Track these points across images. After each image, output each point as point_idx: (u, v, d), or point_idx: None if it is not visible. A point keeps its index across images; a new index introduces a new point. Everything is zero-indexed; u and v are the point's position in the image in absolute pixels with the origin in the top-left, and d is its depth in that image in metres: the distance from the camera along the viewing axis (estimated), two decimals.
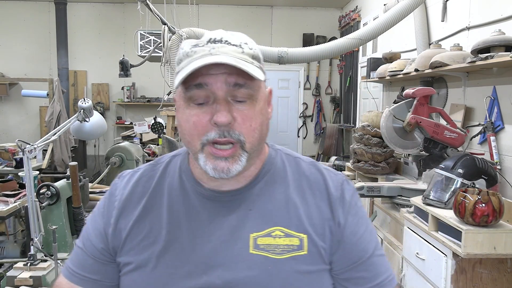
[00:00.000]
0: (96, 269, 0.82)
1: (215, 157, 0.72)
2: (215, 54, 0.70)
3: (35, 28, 6.92)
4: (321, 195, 0.81)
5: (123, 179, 0.86)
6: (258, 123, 0.74)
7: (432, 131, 2.62)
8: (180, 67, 0.72)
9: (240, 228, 0.77)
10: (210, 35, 0.73)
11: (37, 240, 1.98)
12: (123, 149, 3.21)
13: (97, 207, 0.87)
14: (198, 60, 0.69)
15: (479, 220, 1.83)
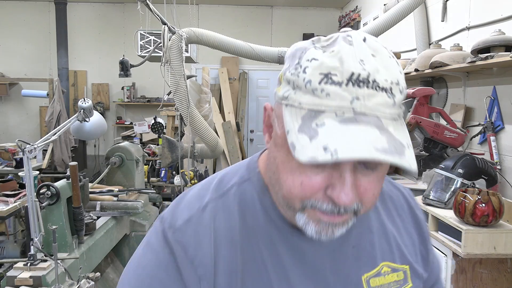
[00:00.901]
0: None
1: (320, 222, 0.57)
2: (359, 121, 0.50)
3: (35, 28, 6.91)
4: (407, 217, 0.75)
5: (187, 228, 0.63)
6: (380, 186, 0.59)
7: (432, 131, 2.62)
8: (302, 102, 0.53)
9: (349, 270, 0.66)
10: (352, 66, 0.51)
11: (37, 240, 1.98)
12: (123, 149, 3.21)
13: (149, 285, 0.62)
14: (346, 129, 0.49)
15: (479, 220, 1.83)
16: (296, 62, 0.55)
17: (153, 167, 4.72)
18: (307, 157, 0.49)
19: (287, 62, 0.58)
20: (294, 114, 0.53)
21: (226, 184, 0.68)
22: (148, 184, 4.19)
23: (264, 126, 0.63)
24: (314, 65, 0.52)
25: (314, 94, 0.52)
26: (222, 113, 6.54)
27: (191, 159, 3.85)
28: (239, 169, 0.70)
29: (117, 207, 2.80)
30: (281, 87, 0.57)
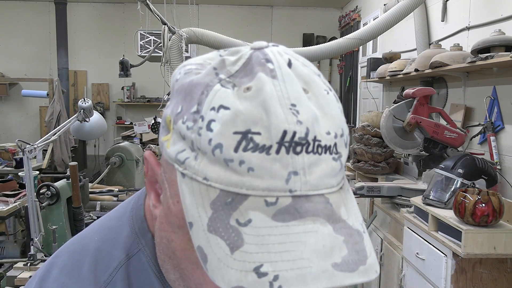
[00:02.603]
0: None
1: None
2: (301, 212, 0.34)
3: (35, 28, 6.91)
4: None
5: None
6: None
7: (432, 131, 2.62)
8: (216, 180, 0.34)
9: None
10: (282, 119, 0.34)
11: (37, 240, 1.98)
12: (123, 149, 3.21)
13: None
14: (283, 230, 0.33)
15: (479, 220, 1.83)
16: (193, 108, 0.35)
17: None
18: (227, 284, 0.32)
19: (176, 100, 0.38)
20: (199, 194, 0.35)
21: (106, 267, 0.46)
22: None
23: (147, 181, 0.43)
24: (223, 117, 0.34)
25: (228, 168, 0.33)
26: None
27: None
28: (119, 233, 0.48)
29: None
30: (170, 140, 0.38)
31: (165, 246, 0.41)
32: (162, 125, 0.39)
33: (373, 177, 3.19)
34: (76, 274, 0.46)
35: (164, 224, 0.40)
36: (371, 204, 3.11)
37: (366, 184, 2.72)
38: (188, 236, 0.35)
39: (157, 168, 0.41)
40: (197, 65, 0.38)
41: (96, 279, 0.45)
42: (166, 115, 0.39)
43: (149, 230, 0.47)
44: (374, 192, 2.71)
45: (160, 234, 0.41)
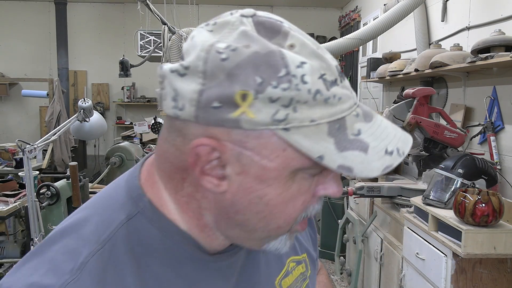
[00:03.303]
0: None
1: (297, 231, 0.53)
2: (370, 115, 0.48)
3: (35, 28, 6.92)
4: None
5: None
6: None
7: (432, 131, 2.62)
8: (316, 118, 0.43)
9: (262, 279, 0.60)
10: (328, 57, 0.45)
11: (37, 240, 1.98)
12: (123, 149, 3.21)
13: None
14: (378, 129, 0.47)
15: (479, 220, 1.83)
16: (281, 72, 0.41)
17: None
18: (380, 170, 0.45)
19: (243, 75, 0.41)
20: (313, 134, 0.42)
21: (107, 227, 0.49)
22: None
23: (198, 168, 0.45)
24: (308, 70, 0.42)
25: (327, 104, 0.43)
26: None
27: None
28: (117, 200, 0.51)
29: None
30: (251, 110, 0.42)
31: (255, 205, 0.47)
32: (218, 105, 0.42)
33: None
34: (77, 235, 0.49)
35: (252, 187, 0.46)
36: (371, 204, 3.11)
37: (366, 184, 2.72)
38: (283, 181, 0.46)
39: (215, 153, 0.44)
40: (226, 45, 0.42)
41: (97, 239, 0.48)
42: (233, 92, 0.41)
43: (145, 195, 0.51)
44: (374, 192, 2.71)
45: (242, 198, 0.47)
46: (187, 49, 0.45)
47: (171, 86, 0.45)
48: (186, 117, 0.44)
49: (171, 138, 0.48)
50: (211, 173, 0.46)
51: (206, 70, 0.42)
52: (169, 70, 0.45)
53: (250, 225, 0.48)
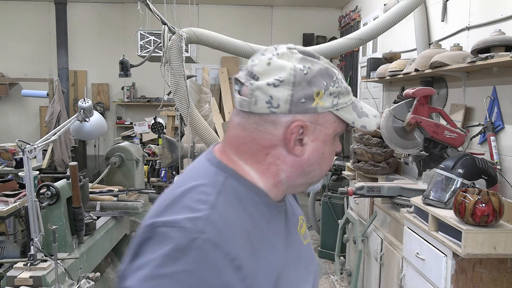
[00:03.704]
0: None
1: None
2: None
3: (35, 28, 6.92)
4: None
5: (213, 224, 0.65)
6: None
7: (432, 131, 2.62)
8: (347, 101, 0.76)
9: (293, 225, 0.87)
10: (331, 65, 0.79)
11: (37, 240, 1.98)
12: (123, 149, 3.21)
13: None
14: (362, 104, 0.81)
15: (479, 220, 1.83)
16: (334, 78, 0.74)
17: (153, 167, 4.73)
18: (376, 126, 0.81)
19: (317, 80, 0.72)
20: (348, 111, 0.76)
21: (215, 185, 0.72)
22: (148, 184, 4.19)
23: (292, 141, 0.73)
24: (340, 76, 0.77)
25: (348, 93, 0.77)
26: (222, 113, 6.54)
27: (191, 159, 3.85)
28: (209, 171, 0.75)
29: (117, 207, 2.80)
30: (320, 100, 0.73)
31: (319, 159, 0.77)
32: (303, 100, 0.71)
33: (373, 177, 3.19)
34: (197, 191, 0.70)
35: (320, 148, 0.76)
36: (371, 204, 3.11)
37: (366, 184, 2.72)
38: (331, 141, 0.77)
39: (307, 125, 0.73)
40: (302, 66, 0.72)
41: (212, 191, 0.70)
42: (313, 91, 0.72)
43: (228, 166, 0.76)
44: (374, 192, 2.71)
45: (315, 158, 0.77)
46: (265, 70, 0.72)
47: (266, 94, 0.70)
48: (281, 111, 0.71)
49: (262, 128, 0.73)
50: (299, 144, 0.74)
51: (295, 81, 0.70)
52: (265, 84, 0.70)
53: (312, 173, 0.78)
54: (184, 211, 0.66)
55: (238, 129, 0.76)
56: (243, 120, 0.74)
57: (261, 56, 0.73)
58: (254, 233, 0.71)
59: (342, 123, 0.76)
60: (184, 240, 0.62)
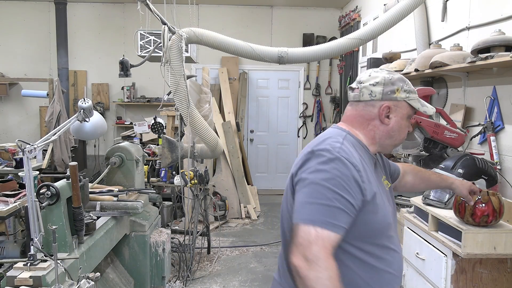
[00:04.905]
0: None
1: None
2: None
3: (35, 28, 6.91)
4: (379, 156, 1.48)
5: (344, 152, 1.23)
6: None
7: (432, 131, 2.62)
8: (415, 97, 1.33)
9: (380, 175, 1.38)
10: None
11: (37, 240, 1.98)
12: (123, 149, 3.20)
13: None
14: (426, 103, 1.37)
15: (479, 220, 1.83)
16: (406, 82, 1.33)
17: (153, 167, 4.73)
18: (432, 112, 1.36)
19: (396, 83, 1.32)
20: (415, 102, 1.33)
21: (340, 137, 1.27)
22: (148, 184, 4.19)
23: (384, 115, 1.31)
24: (409, 83, 1.34)
25: (415, 93, 1.34)
26: (222, 113, 6.54)
27: (191, 159, 3.85)
28: (336, 133, 1.30)
29: (117, 207, 2.80)
30: (399, 94, 1.31)
31: (399, 128, 1.34)
32: (389, 93, 1.31)
33: None
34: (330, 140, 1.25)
35: (399, 122, 1.33)
36: None
37: None
38: (405, 119, 1.34)
39: (391, 106, 1.32)
40: (389, 76, 1.33)
41: (339, 139, 1.26)
42: (395, 88, 1.31)
43: (346, 130, 1.32)
44: None
45: (395, 127, 1.33)
46: (367, 78, 1.33)
47: (368, 89, 1.31)
48: (377, 99, 1.31)
49: (366, 109, 1.32)
50: (387, 117, 1.31)
51: (384, 83, 1.31)
52: (368, 84, 1.31)
53: (394, 137, 1.33)
54: (328, 145, 1.22)
55: (351, 111, 1.35)
56: (354, 106, 1.35)
57: (364, 73, 1.34)
58: (363, 163, 1.24)
59: (411, 108, 1.33)
60: (331, 156, 1.19)
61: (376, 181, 1.28)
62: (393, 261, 1.30)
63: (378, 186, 1.27)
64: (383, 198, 1.28)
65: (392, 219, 1.32)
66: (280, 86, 7.26)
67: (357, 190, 1.16)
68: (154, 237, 3.08)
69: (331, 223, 1.12)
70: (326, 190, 1.14)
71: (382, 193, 1.29)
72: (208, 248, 4.31)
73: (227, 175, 5.85)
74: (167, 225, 4.76)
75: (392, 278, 1.29)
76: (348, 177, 1.16)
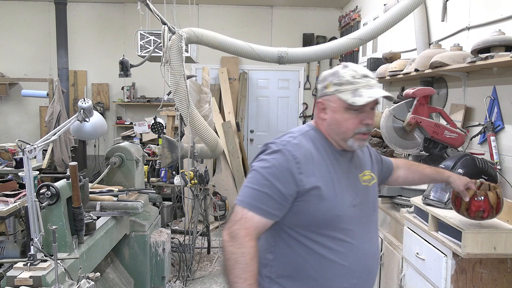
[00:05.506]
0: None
1: (359, 139, 1.35)
2: (372, 86, 1.32)
3: (35, 28, 6.91)
4: (366, 151, 1.55)
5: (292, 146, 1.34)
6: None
7: (432, 131, 2.62)
8: (347, 88, 1.31)
9: (355, 172, 1.43)
10: (361, 71, 1.33)
11: (37, 240, 1.98)
12: (123, 149, 3.20)
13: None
14: (372, 91, 1.30)
15: (474, 215, 1.77)
16: (337, 75, 1.34)
17: (153, 167, 4.72)
18: (364, 101, 1.29)
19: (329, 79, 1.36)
20: (345, 94, 1.31)
21: (300, 130, 1.40)
22: (148, 184, 4.19)
23: (318, 110, 1.40)
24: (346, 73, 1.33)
25: (351, 84, 1.31)
26: (222, 113, 6.54)
27: (191, 159, 3.85)
28: (302, 127, 1.43)
29: (117, 207, 2.80)
30: (329, 89, 1.34)
31: (333, 122, 1.36)
32: (322, 89, 1.38)
33: None
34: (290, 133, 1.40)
35: (333, 115, 1.35)
36: None
37: None
38: (341, 112, 1.34)
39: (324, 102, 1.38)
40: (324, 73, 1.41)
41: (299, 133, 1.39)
42: (326, 83, 1.37)
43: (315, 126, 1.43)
44: None
45: (331, 121, 1.36)
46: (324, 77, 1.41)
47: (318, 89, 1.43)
48: (318, 96, 1.40)
49: (317, 105, 1.41)
50: (324, 112, 1.38)
51: (321, 79, 1.40)
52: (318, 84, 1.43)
53: (336, 131, 1.35)
54: (279, 140, 1.36)
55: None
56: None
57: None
58: (316, 154, 1.33)
59: (343, 101, 1.31)
60: (276, 148, 1.32)
61: (333, 174, 1.33)
62: (347, 254, 1.32)
63: (336, 179, 1.33)
64: (340, 191, 1.32)
65: (349, 212, 1.34)
66: (280, 86, 7.26)
67: (290, 181, 1.27)
68: (154, 237, 3.08)
69: (257, 206, 1.26)
70: (261, 177, 1.28)
71: (342, 187, 1.33)
72: (208, 248, 4.31)
73: (227, 175, 5.86)
74: (167, 225, 4.76)
75: (346, 271, 1.32)
76: (283, 168, 1.27)
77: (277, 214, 1.28)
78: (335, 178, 1.33)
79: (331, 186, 1.31)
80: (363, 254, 1.36)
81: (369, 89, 1.29)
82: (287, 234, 1.33)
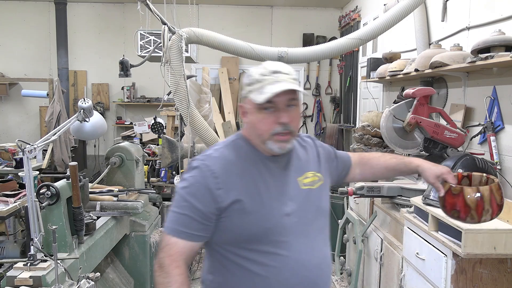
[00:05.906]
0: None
1: (278, 141, 1.23)
2: (280, 81, 1.19)
3: (35, 28, 6.92)
4: (312, 149, 1.44)
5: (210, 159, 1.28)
6: (299, 120, 1.30)
7: (432, 131, 2.62)
8: (255, 88, 1.21)
9: (291, 175, 1.31)
10: (272, 67, 1.22)
11: (37, 240, 1.98)
12: (123, 149, 3.21)
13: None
14: (276, 85, 1.18)
15: (450, 213, 1.37)
16: (249, 76, 1.26)
17: (153, 167, 4.72)
18: (265, 97, 1.17)
19: (244, 81, 1.28)
20: (254, 93, 1.21)
21: (225, 141, 1.34)
22: (148, 184, 4.19)
23: (241, 114, 1.31)
24: (254, 72, 1.25)
25: (259, 82, 1.22)
26: (222, 113, 6.54)
27: (191, 159, 3.84)
28: (229, 138, 1.36)
29: (117, 207, 2.80)
30: (244, 91, 1.27)
31: (251, 125, 1.26)
32: (242, 93, 1.29)
33: None
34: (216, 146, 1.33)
35: (250, 117, 1.25)
36: (371, 204, 3.11)
37: (366, 184, 2.72)
38: (256, 113, 1.23)
39: (244, 106, 1.28)
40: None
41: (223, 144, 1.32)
42: (243, 87, 1.29)
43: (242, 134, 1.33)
44: (374, 192, 2.71)
45: (249, 125, 1.27)
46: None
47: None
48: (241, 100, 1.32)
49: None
50: (245, 116, 1.28)
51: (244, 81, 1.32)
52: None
53: (254, 133, 1.26)
54: (202, 154, 1.29)
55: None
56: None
57: None
58: (239, 165, 1.25)
59: (253, 101, 1.21)
60: (195, 164, 1.26)
61: (261, 184, 1.24)
62: (282, 268, 1.22)
63: (264, 189, 1.23)
64: (269, 201, 1.23)
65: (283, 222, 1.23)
66: None
67: (208, 198, 1.20)
68: (154, 237, 3.08)
69: (180, 230, 1.20)
70: (181, 198, 1.22)
71: (272, 196, 1.24)
72: None
73: None
74: None
75: (282, 287, 1.22)
76: (200, 185, 1.21)
77: (202, 234, 1.22)
78: (262, 188, 1.23)
79: (257, 198, 1.22)
80: (303, 266, 1.24)
81: (273, 85, 1.17)
82: (218, 253, 1.26)
